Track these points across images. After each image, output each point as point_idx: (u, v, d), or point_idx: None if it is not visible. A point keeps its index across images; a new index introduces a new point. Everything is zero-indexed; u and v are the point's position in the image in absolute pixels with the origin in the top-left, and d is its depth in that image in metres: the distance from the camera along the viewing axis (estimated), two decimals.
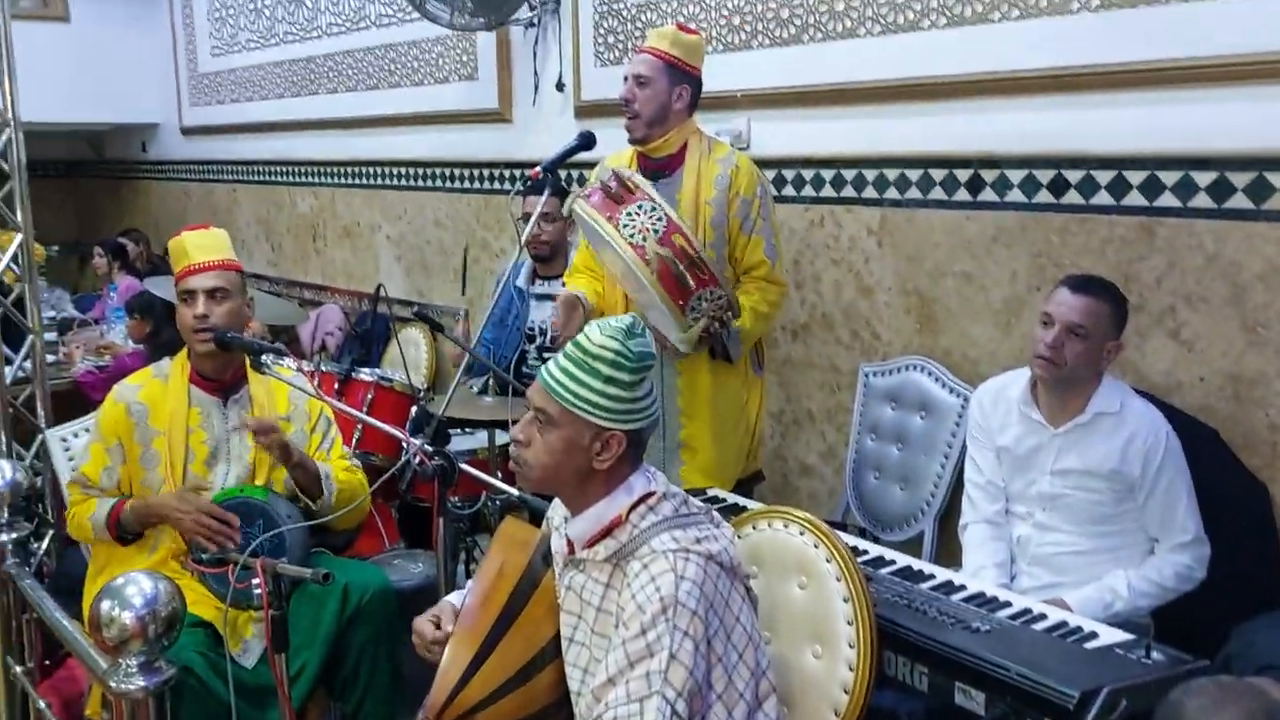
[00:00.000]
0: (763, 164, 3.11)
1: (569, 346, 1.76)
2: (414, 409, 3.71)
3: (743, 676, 1.69)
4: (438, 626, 1.90)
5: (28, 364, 3.81)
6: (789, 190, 3.44)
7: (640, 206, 2.56)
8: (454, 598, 2.02)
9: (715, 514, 1.83)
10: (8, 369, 3.71)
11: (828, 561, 1.94)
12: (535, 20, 4.21)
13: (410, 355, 4.80)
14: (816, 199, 3.39)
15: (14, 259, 3.75)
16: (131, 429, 2.60)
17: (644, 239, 2.53)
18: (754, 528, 2.10)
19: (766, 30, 3.41)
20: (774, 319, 3.10)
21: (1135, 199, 2.65)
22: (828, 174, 3.34)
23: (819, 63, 3.27)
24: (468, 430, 3.77)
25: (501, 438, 3.40)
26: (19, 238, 3.77)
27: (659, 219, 2.55)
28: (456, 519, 3.44)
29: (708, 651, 1.65)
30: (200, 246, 2.65)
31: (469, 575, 3.37)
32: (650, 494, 1.77)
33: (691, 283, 2.57)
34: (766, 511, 2.13)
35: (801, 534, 2.01)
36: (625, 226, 2.55)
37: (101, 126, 7.82)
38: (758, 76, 3.45)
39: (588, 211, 2.62)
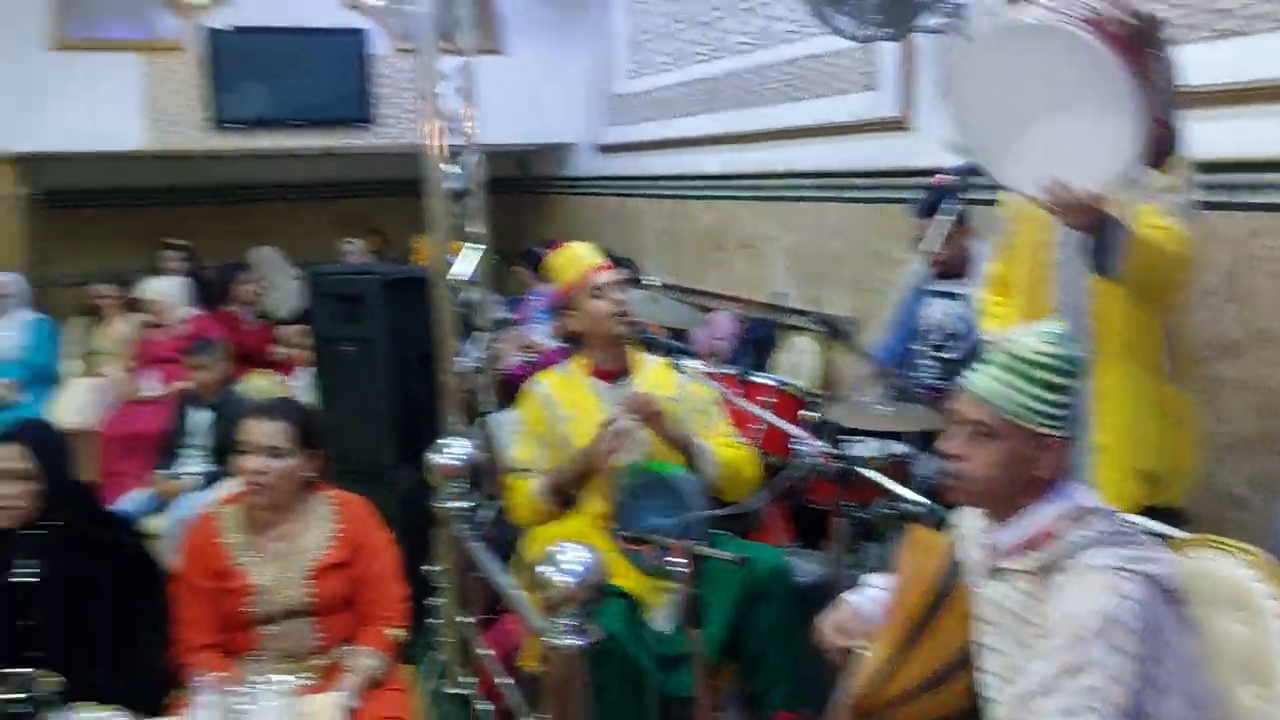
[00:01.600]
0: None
1: (1002, 357, 1.76)
2: (811, 414, 3.82)
3: (1175, 704, 1.61)
4: (842, 635, 1.98)
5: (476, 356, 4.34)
6: (1222, 196, 3.15)
7: None
8: (852, 597, 2.08)
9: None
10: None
11: (1272, 599, 1.79)
12: (941, 28, 4.16)
13: (800, 363, 4.92)
14: (1255, 205, 3.08)
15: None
16: (544, 417, 3.00)
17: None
18: (1181, 557, 1.97)
19: (1204, 22, 3.15)
20: (1160, 268, 2.38)
21: None
22: (1272, 177, 3.03)
23: (1266, 56, 2.98)
24: (859, 439, 3.81)
25: (897, 447, 3.41)
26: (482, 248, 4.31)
27: None
28: (853, 520, 3.49)
29: (1142, 674, 1.59)
30: (592, 250, 3.17)
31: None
32: (1079, 507, 1.74)
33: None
34: (1195, 540, 1.99)
35: (1239, 567, 1.85)
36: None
37: (530, 148, 8.67)
38: (1189, 71, 3.19)
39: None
